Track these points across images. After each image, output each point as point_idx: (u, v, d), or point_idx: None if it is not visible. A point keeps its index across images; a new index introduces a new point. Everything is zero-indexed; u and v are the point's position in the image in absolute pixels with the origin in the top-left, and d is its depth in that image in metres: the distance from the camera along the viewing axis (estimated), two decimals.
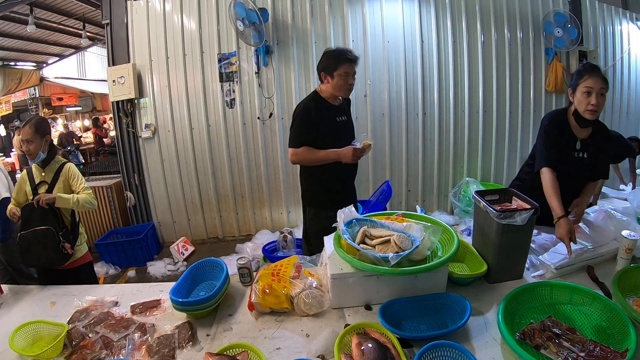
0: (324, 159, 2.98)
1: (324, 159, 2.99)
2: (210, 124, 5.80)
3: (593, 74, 2.35)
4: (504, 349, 1.63)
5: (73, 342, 1.85)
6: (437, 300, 1.91)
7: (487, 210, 2.04)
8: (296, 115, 3.04)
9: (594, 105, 2.34)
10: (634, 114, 7.39)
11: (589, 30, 6.51)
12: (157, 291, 2.31)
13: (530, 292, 1.88)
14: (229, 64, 5.61)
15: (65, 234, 2.79)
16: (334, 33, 5.66)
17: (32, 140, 2.80)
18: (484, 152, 6.33)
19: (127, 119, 5.78)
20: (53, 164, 2.91)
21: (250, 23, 5.15)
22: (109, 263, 5.45)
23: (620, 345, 1.53)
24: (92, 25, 10.33)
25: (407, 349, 1.62)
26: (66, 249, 2.75)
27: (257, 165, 5.96)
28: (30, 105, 13.54)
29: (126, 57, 5.70)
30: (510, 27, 6.04)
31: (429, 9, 5.81)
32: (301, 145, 2.99)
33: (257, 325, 1.90)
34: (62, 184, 2.88)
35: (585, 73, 2.38)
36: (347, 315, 1.92)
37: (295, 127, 3.03)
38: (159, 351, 1.74)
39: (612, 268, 2.16)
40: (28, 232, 2.68)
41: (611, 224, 2.48)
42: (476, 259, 2.19)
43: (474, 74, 6.05)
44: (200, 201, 6.08)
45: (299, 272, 2.11)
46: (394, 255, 1.78)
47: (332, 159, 2.96)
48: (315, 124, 2.97)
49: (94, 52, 15.04)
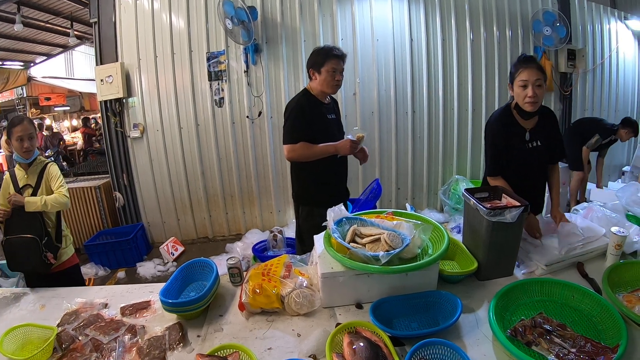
0: (322, 152, 2.97)
1: (322, 153, 2.97)
2: (199, 123, 5.77)
3: (527, 66, 2.35)
4: (495, 345, 1.63)
5: (63, 345, 1.83)
6: (428, 298, 1.91)
7: (477, 207, 2.04)
8: (289, 112, 3.01)
9: (532, 97, 2.33)
10: (622, 112, 7.46)
11: (578, 28, 6.59)
12: (147, 292, 2.28)
13: (521, 288, 1.89)
14: (218, 62, 5.59)
15: (47, 242, 2.73)
16: (323, 31, 5.65)
17: (33, 135, 2.77)
18: (473, 150, 6.38)
19: (116, 118, 5.74)
20: (36, 166, 2.84)
21: (239, 21, 5.13)
22: (98, 264, 5.40)
23: (611, 341, 1.54)
24: (80, 23, 10.28)
25: (398, 347, 1.61)
26: (49, 259, 2.71)
27: (246, 165, 5.94)
28: (17, 106, 13.44)
29: (114, 56, 5.65)
30: (499, 25, 6.09)
31: (418, 8, 5.83)
32: (297, 141, 2.96)
33: (248, 326, 1.89)
34: (44, 186, 2.81)
35: (520, 66, 2.39)
36: (338, 314, 1.91)
37: (290, 123, 3.00)
38: (149, 353, 1.72)
39: (601, 264, 2.18)
40: (14, 237, 2.64)
41: (600, 221, 2.50)
42: (466, 257, 2.20)
43: (463, 73, 6.09)
44: (189, 201, 6.04)
45: (290, 272, 2.09)
46: (384, 253, 1.77)
47: (329, 152, 2.96)
48: (308, 120, 2.96)
49: (82, 51, 14.97)
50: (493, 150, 2.54)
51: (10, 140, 2.75)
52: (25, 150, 2.73)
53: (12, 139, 2.72)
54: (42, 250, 2.66)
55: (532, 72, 2.32)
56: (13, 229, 2.66)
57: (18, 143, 2.71)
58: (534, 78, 2.32)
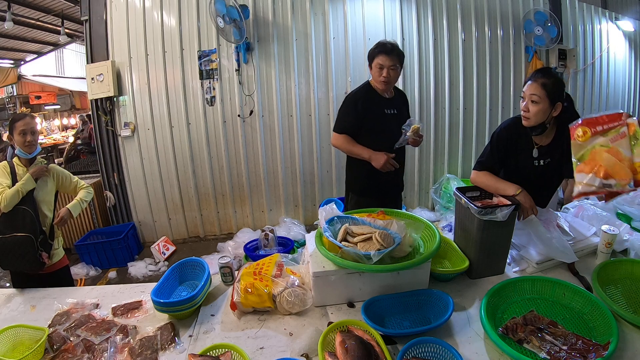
0: (358, 154, 3.00)
1: (356, 154, 3.00)
2: (191, 122, 5.75)
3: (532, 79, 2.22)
4: (486, 343, 1.63)
5: (54, 346, 1.81)
6: (420, 296, 1.92)
7: (468, 206, 2.05)
8: (345, 101, 3.09)
9: (524, 111, 2.24)
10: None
11: (569, 29, 6.63)
12: (139, 292, 2.28)
13: (512, 287, 1.90)
14: (209, 61, 5.56)
15: (43, 241, 2.72)
16: (315, 30, 5.64)
17: (35, 129, 2.78)
18: (465, 148, 6.40)
19: (106, 117, 5.70)
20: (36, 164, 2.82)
21: (230, 20, 5.11)
22: (89, 264, 5.36)
23: (602, 338, 1.55)
24: (71, 21, 10.23)
25: (390, 346, 1.62)
26: (43, 259, 2.69)
27: (237, 164, 5.92)
28: (8, 104, 13.33)
29: (105, 55, 5.61)
30: (491, 25, 6.11)
31: (410, 7, 5.84)
32: (342, 131, 3.02)
33: (240, 325, 1.89)
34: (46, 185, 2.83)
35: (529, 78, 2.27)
36: (330, 313, 1.92)
37: (340, 112, 3.09)
38: (141, 353, 1.72)
39: (592, 262, 2.19)
40: (7, 237, 2.60)
41: (591, 219, 2.52)
42: (458, 255, 2.20)
43: (455, 72, 6.11)
44: (180, 200, 6.02)
45: (281, 271, 2.09)
46: (375, 252, 1.78)
47: (363, 157, 2.97)
48: (359, 113, 2.98)
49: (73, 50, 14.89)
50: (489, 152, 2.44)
51: (13, 136, 2.76)
52: (27, 144, 2.74)
53: (15, 134, 2.73)
54: (38, 249, 2.65)
55: (532, 86, 2.20)
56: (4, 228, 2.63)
57: (21, 137, 2.72)
58: (530, 92, 2.20)
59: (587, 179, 1.78)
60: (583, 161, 1.83)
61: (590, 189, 1.79)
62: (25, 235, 2.61)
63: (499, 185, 2.27)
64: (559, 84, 2.19)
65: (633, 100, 8.04)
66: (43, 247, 2.71)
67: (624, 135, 1.79)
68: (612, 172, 1.74)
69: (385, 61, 2.93)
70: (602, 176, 1.74)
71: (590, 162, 1.80)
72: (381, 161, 2.89)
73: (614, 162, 1.75)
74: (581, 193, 1.83)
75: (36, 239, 2.65)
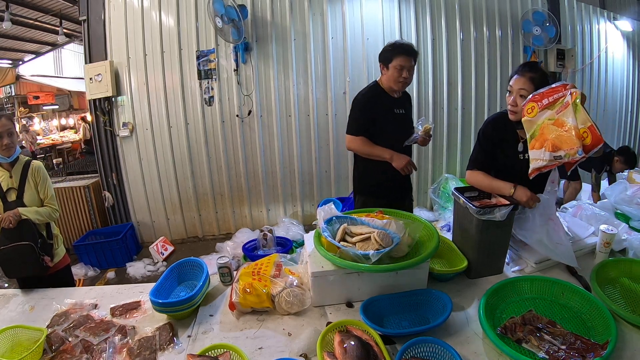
0: (378, 155, 2.98)
1: (377, 155, 2.99)
2: (189, 122, 5.74)
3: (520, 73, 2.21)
4: (485, 343, 1.63)
5: (53, 346, 1.81)
6: (419, 296, 1.92)
7: (466, 206, 2.05)
8: (355, 102, 3.07)
9: (511, 105, 2.22)
10: (610, 112, 7.57)
11: (567, 29, 6.64)
12: (137, 292, 2.27)
13: (511, 286, 1.90)
14: (208, 61, 5.56)
15: (42, 244, 2.66)
16: (314, 30, 5.64)
17: (13, 131, 2.62)
18: (463, 148, 6.39)
19: (105, 117, 5.69)
20: (18, 165, 2.72)
21: (229, 20, 5.11)
22: (87, 264, 5.36)
23: (601, 338, 1.55)
24: (69, 21, 10.22)
25: (389, 346, 1.62)
26: (46, 262, 2.65)
27: (236, 163, 5.92)
28: (6, 104, 13.31)
29: (103, 55, 5.61)
30: (489, 25, 6.11)
31: (408, 7, 5.83)
32: (357, 133, 3.00)
33: (239, 325, 1.88)
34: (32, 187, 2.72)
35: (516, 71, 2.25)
36: (329, 313, 1.92)
37: (351, 114, 3.07)
38: (140, 354, 1.72)
39: (590, 262, 2.19)
40: (8, 247, 2.53)
41: (590, 219, 2.52)
42: (456, 255, 2.21)
43: (453, 72, 6.10)
44: (179, 200, 6.02)
45: (280, 271, 2.09)
46: (374, 252, 1.78)
47: (385, 158, 2.96)
48: (371, 113, 2.98)
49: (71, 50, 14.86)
50: (478, 148, 2.44)
51: None
52: (5, 148, 2.58)
53: None
54: (39, 254, 2.61)
55: (520, 80, 2.18)
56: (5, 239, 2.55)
57: None
58: (518, 86, 2.18)
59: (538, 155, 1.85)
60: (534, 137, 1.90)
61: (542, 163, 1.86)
62: (26, 244, 2.56)
63: (494, 185, 2.26)
64: (545, 78, 2.18)
65: (631, 99, 8.05)
66: (44, 250, 2.67)
67: (567, 104, 1.83)
68: (560, 144, 1.79)
69: (405, 62, 2.90)
70: (551, 149, 1.79)
71: (540, 137, 1.87)
72: (403, 162, 2.91)
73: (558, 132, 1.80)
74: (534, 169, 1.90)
75: (36, 245, 2.60)
